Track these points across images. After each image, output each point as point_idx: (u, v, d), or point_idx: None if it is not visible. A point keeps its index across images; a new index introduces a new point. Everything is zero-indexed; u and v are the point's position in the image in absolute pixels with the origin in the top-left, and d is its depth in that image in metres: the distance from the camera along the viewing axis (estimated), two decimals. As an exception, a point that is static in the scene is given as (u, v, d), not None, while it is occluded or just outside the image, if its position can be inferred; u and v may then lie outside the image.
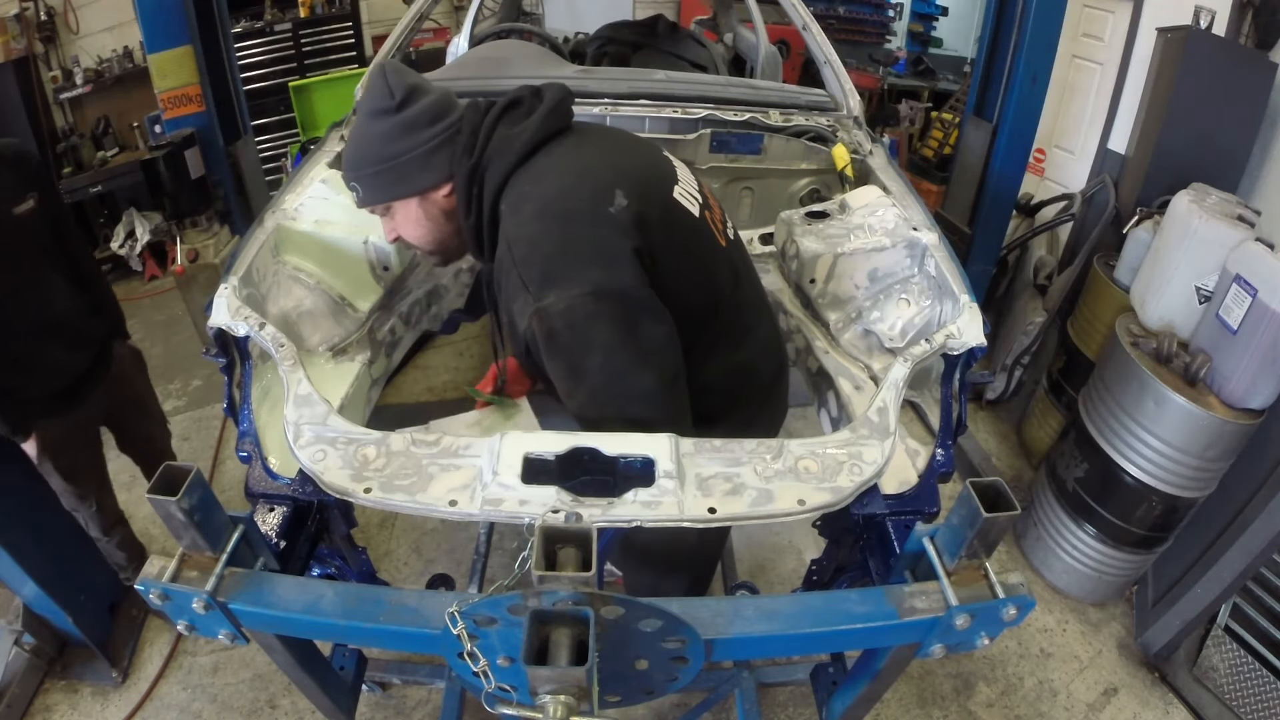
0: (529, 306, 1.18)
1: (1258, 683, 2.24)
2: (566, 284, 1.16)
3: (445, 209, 1.33)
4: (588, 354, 1.18)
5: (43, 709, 2.24)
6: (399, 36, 2.44)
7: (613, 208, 1.22)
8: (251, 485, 1.33)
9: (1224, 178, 2.56)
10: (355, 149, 1.30)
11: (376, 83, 1.27)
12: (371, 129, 1.27)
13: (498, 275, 1.29)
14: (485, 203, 1.28)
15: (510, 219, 1.24)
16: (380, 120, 1.26)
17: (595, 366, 1.19)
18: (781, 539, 2.81)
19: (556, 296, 1.16)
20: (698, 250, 1.36)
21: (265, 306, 1.59)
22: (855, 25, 6.33)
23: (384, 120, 1.26)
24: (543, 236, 1.20)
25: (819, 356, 1.72)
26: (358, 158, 1.30)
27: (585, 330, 1.17)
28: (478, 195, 1.28)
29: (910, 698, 2.33)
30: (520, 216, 1.23)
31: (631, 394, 1.21)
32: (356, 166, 1.30)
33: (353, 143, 1.31)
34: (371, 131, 1.27)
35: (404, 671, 2.17)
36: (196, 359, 2.85)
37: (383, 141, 1.26)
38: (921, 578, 1.06)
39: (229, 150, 3.42)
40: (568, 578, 0.84)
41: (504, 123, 1.30)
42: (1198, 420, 2.13)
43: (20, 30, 4.07)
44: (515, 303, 1.22)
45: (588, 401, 1.22)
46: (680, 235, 1.32)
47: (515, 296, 1.21)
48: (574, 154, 1.31)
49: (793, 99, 2.43)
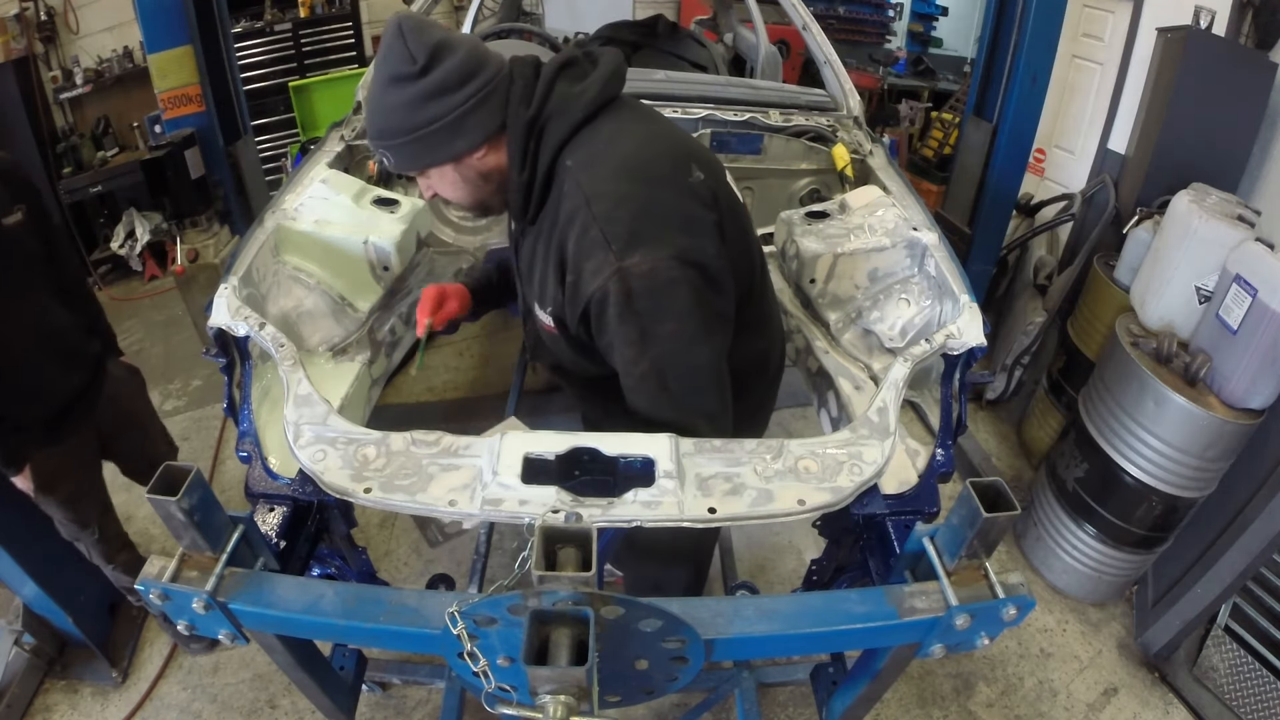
0: (609, 265, 1.12)
1: (1258, 683, 2.24)
2: (653, 245, 1.13)
3: (482, 170, 1.26)
4: (662, 320, 1.15)
5: (43, 709, 2.24)
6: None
7: (692, 179, 1.22)
8: (251, 485, 1.33)
9: (1224, 178, 2.56)
10: (380, 118, 1.21)
11: (394, 45, 1.15)
12: (395, 96, 1.17)
13: (559, 232, 1.21)
14: (543, 158, 1.21)
15: (584, 174, 1.18)
16: (404, 87, 1.16)
17: (666, 334, 1.16)
18: (781, 539, 2.81)
19: (642, 257, 1.12)
20: (746, 236, 1.38)
21: (265, 306, 1.59)
22: (855, 25, 6.33)
23: (408, 87, 1.15)
24: (629, 195, 1.15)
25: (819, 356, 1.72)
26: (383, 127, 1.21)
27: (665, 295, 1.14)
28: (534, 150, 1.21)
29: (910, 698, 2.33)
30: (598, 173, 1.18)
31: (695, 364, 1.20)
32: (383, 136, 1.22)
33: (375, 110, 1.21)
34: (396, 99, 1.17)
35: (404, 671, 2.17)
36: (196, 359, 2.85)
37: (408, 110, 1.17)
38: (921, 578, 1.06)
39: (229, 150, 3.41)
40: (568, 578, 0.84)
41: (563, 79, 1.23)
42: (1198, 420, 2.13)
43: (20, 30, 4.07)
44: (590, 260, 1.15)
45: (650, 370, 1.17)
46: (735, 218, 1.33)
47: (590, 253, 1.14)
48: (642, 123, 1.28)
49: (793, 99, 2.43)
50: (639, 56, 3.24)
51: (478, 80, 1.18)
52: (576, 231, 1.17)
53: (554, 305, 1.28)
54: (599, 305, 1.16)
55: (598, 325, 1.19)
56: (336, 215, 1.75)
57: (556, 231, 1.22)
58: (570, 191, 1.19)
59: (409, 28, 1.15)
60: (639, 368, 1.18)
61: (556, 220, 1.22)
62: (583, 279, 1.17)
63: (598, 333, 1.21)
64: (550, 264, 1.25)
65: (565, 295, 1.23)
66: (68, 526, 2.01)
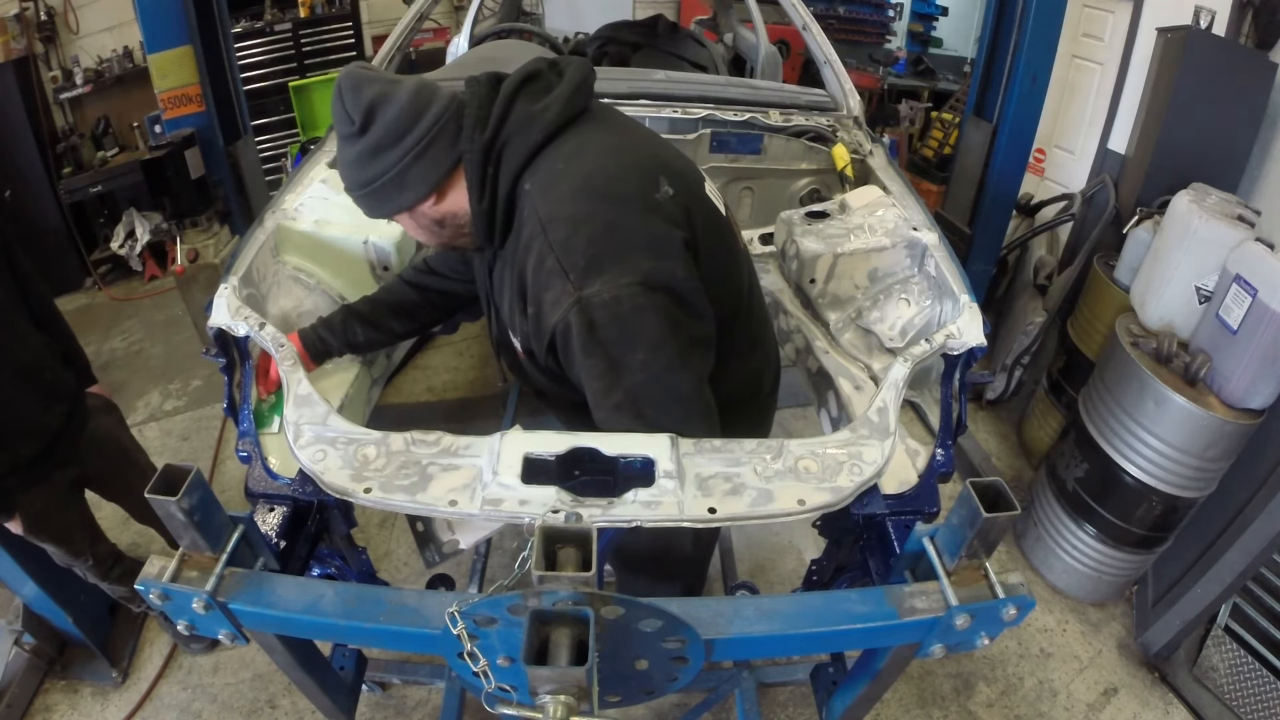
0: (568, 295, 1.07)
1: (1258, 683, 2.24)
2: (614, 271, 1.06)
3: (435, 217, 1.23)
4: (632, 349, 1.08)
5: (43, 709, 2.24)
6: (399, 36, 2.44)
7: (659, 194, 1.15)
8: (251, 485, 1.33)
9: (1224, 178, 2.56)
10: (341, 171, 1.24)
11: (335, 104, 1.15)
12: (344, 153, 1.19)
13: (518, 261, 1.17)
14: (503, 184, 1.17)
15: (542, 198, 1.12)
16: (348, 145, 1.17)
17: (638, 364, 1.09)
18: (781, 539, 2.81)
19: (602, 285, 1.06)
20: (727, 252, 1.31)
21: (265, 306, 1.59)
22: (855, 25, 6.33)
23: (352, 145, 1.17)
24: (586, 218, 1.09)
25: (819, 356, 1.72)
26: (344, 180, 1.24)
27: (631, 323, 1.07)
28: (493, 176, 1.17)
29: (910, 698, 2.33)
30: (556, 195, 1.11)
31: (672, 394, 1.14)
32: (347, 189, 1.25)
33: (339, 165, 1.24)
34: (345, 156, 1.19)
35: (404, 671, 2.17)
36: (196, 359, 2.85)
37: (356, 167, 1.18)
38: (921, 578, 1.06)
39: (229, 150, 3.41)
40: (568, 578, 0.84)
41: (523, 98, 1.18)
42: (1198, 420, 2.13)
43: (20, 30, 4.07)
44: (549, 291, 1.09)
45: (624, 401, 1.11)
46: (714, 234, 1.26)
47: (549, 284, 1.09)
48: (609, 135, 1.21)
49: (793, 99, 2.43)
50: (639, 56, 3.24)
51: (416, 132, 1.14)
52: (534, 261, 1.12)
53: (521, 334, 1.26)
54: (563, 338, 1.11)
55: (564, 357, 1.15)
56: (336, 215, 1.75)
57: (516, 260, 1.18)
58: (529, 217, 1.13)
59: (346, 87, 1.13)
60: (611, 399, 1.12)
61: (517, 247, 1.18)
62: (543, 311, 1.12)
63: (566, 365, 1.17)
64: (515, 294, 1.22)
65: (530, 326, 1.19)
66: (60, 557, 1.99)
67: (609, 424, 1.16)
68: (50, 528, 1.90)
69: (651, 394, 1.13)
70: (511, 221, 1.20)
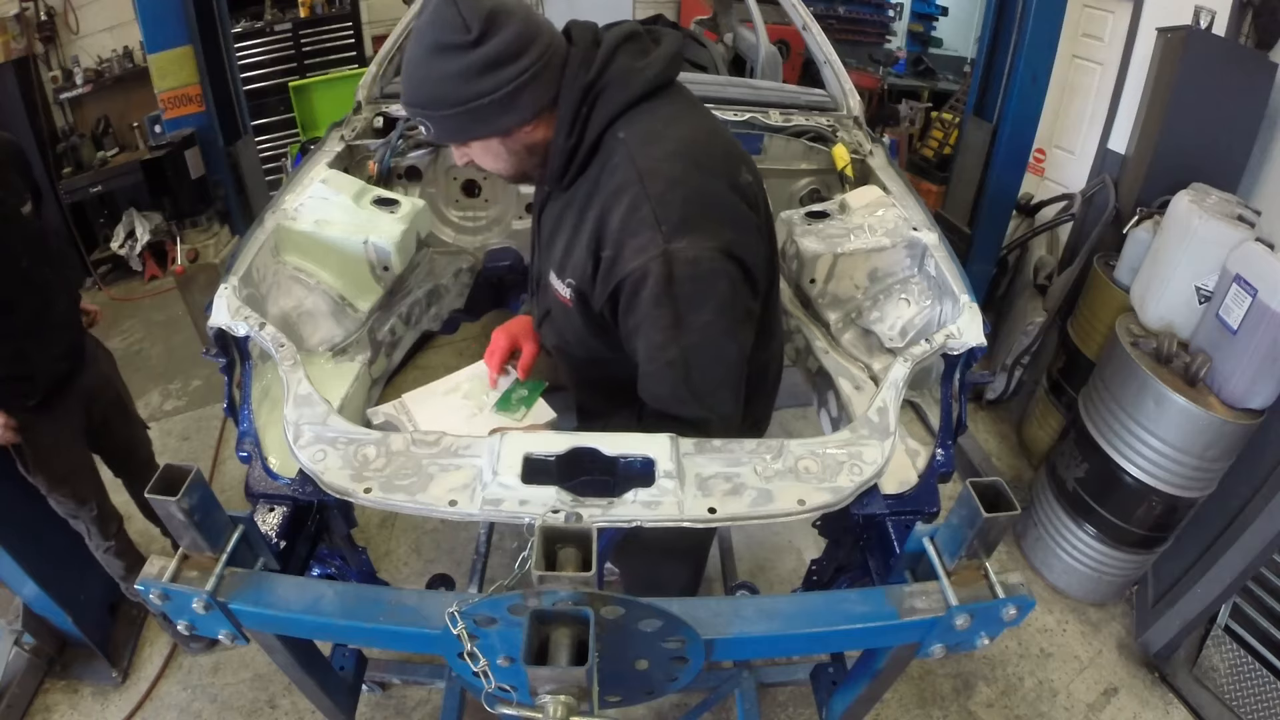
0: (655, 245, 1.10)
1: (1258, 683, 2.24)
2: (701, 234, 1.12)
3: (528, 143, 1.22)
4: (699, 309, 1.13)
5: (43, 709, 2.24)
6: (399, 36, 2.44)
7: (741, 179, 1.22)
8: (251, 485, 1.33)
9: (1224, 178, 2.56)
10: (423, 87, 1.14)
11: (444, 10, 1.08)
12: (443, 66, 1.11)
13: (601, 204, 1.18)
14: (593, 127, 1.18)
15: (640, 150, 1.16)
16: (454, 57, 1.09)
17: (700, 324, 1.14)
18: (781, 539, 2.81)
19: (688, 243, 1.10)
20: (772, 245, 1.37)
21: (265, 306, 1.59)
22: (855, 25, 6.32)
23: (459, 57, 1.09)
24: (684, 179, 1.14)
25: (819, 356, 1.72)
26: (427, 97, 1.15)
27: (705, 285, 1.13)
28: (585, 117, 1.18)
29: (910, 698, 2.33)
30: (656, 151, 1.15)
31: (721, 360, 1.19)
32: (425, 106, 1.16)
33: (417, 78, 1.15)
34: (444, 69, 1.11)
35: (404, 671, 2.17)
36: (196, 359, 2.85)
37: (458, 81, 1.11)
38: (921, 578, 1.06)
39: (229, 150, 3.41)
40: (568, 578, 0.84)
41: (623, 53, 1.20)
42: (1198, 420, 2.13)
43: (20, 30, 4.07)
44: (635, 238, 1.12)
45: (678, 358, 1.16)
46: (770, 226, 1.35)
47: (637, 231, 1.12)
48: (700, 115, 1.27)
49: (793, 99, 2.44)
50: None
51: (533, 53, 1.12)
52: (625, 207, 1.14)
53: (577, 277, 1.25)
54: (635, 284, 1.13)
55: (628, 305, 1.17)
56: (336, 215, 1.75)
57: (597, 202, 1.19)
58: (621, 164, 1.16)
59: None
60: (667, 354, 1.16)
61: (596, 191, 1.19)
62: (623, 255, 1.14)
63: (625, 312, 1.18)
64: (584, 234, 1.22)
65: (597, 269, 1.19)
66: (65, 504, 2.02)
67: (655, 380, 1.19)
68: (55, 464, 1.93)
69: (704, 357, 1.18)
70: (587, 165, 1.22)
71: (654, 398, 1.22)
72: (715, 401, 1.21)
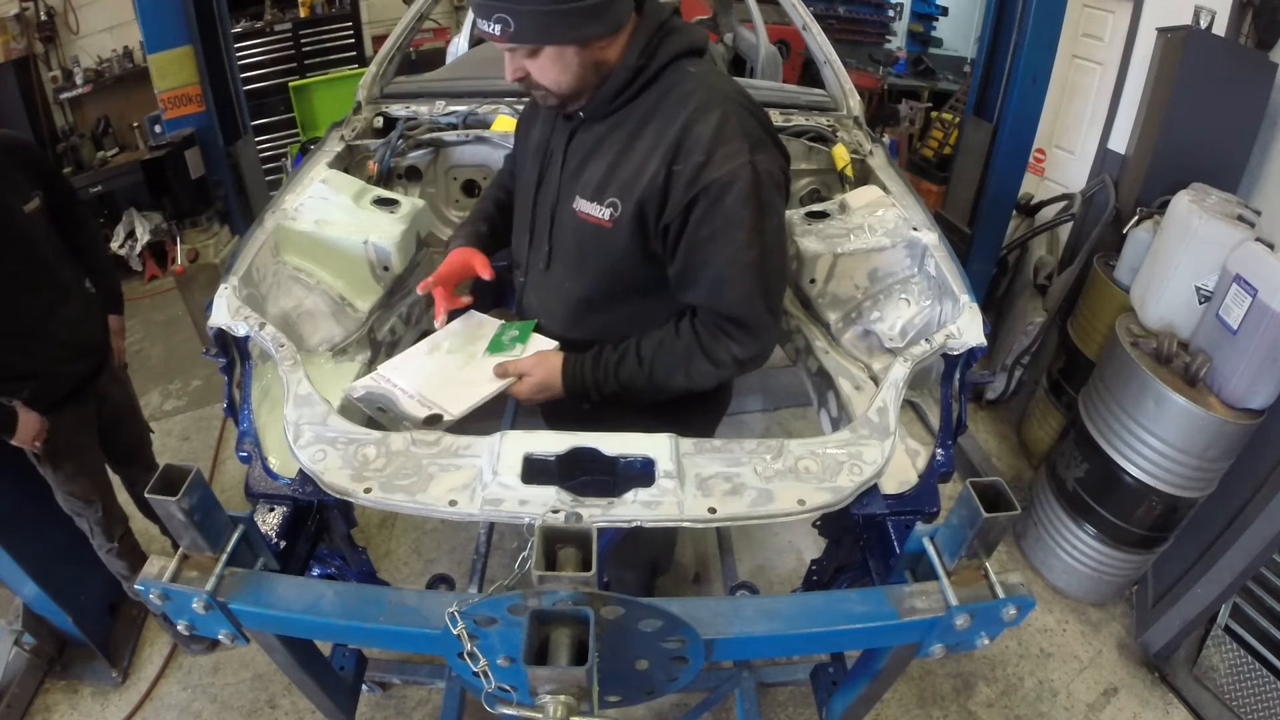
0: (743, 154, 1.21)
1: (1258, 683, 2.24)
2: (771, 154, 1.27)
3: (598, 59, 1.24)
4: (771, 215, 1.27)
5: (43, 709, 2.24)
6: (399, 36, 2.44)
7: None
8: (251, 485, 1.33)
9: (1224, 178, 2.55)
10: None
11: None
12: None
13: (682, 120, 1.24)
14: (661, 56, 1.26)
15: (714, 81, 1.28)
16: None
17: (772, 228, 1.28)
18: (781, 539, 2.81)
19: (765, 158, 1.24)
20: None
21: (265, 306, 1.59)
22: (855, 25, 6.33)
23: None
24: (754, 109, 1.30)
25: (819, 356, 1.72)
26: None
27: (774, 195, 1.27)
28: (655, 46, 1.26)
29: (910, 698, 2.33)
30: (727, 89, 1.29)
31: (782, 262, 1.37)
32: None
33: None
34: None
35: (404, 671, 2.17)
36: (196, 359, 2.86)
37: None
38: (921, 578, 1.06)
39: (229, 150, 3.41)
40: (568, 578, 0.84)
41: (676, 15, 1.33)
42: (1198, 420, 2.13)
43: (20, 30, 4.07)
44: (725, 146, 1.21)
45: (756, 259, 1.25)
46: None
47: (728, 140, 1.21)
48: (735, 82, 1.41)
49: (793, 99, 2.43)
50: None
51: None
52: (715, 120, 1.22)
53: (633, 193, 1.27)
54: (721, 189, 1.21)
55: (708, 210, 1.23)
56: (336, 215, 1.75)
57: (675, 120, 1.24)
58: (698, 90, 1.25)
59: None
60: (748, 255, 1.25)
61: (656, 112, 1.26)
62: (712, 162, 1.21)
63: (702, 220, 1.24)
64: (649, 150, 1.26)
65: (670, 180, 1.24)
66: (71, 501, 2.03)
67: (731, 284, 1.27)
68: (68, 463, 1.96)
69: (774, 260, 1.31)
70: (641, 92, 1.28)
71: (731, 300, 1.29)
72: (775, 302, 1.35)
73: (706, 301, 1.31)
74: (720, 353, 1.32)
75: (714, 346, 1.31)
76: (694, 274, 1.29)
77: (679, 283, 1.33)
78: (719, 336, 1.31)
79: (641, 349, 1.35)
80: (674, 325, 1.36)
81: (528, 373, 1.37)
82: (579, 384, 1.37)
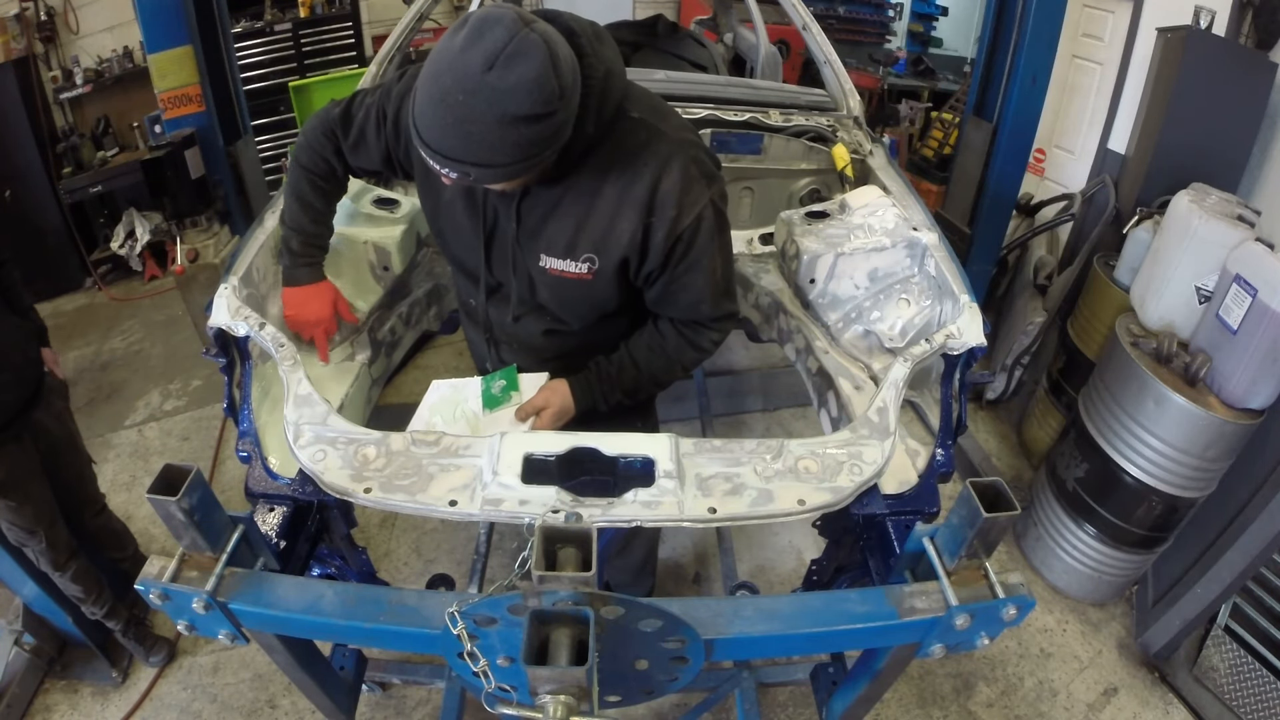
0: (705, 195, 1.29)
1: (1258, 683, 2.24)
2: (719, 180, 1.36)
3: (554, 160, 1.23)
4: (726, 232, 1.39)
5: (43, 709, 2.24)
6: (399, 36, 2.44)
7: None
8: (251, 485, 1.33)
9: (1224, 178, 2.56)
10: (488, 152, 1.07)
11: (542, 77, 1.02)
12: (520, 133, 1.06)
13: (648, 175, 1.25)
14: (606, 111, 1.20)
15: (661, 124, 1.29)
16: (539, 123, 1.06)
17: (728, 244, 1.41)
18: (781, 539, 2.81)
19: (716, 188, 1.33)
20: None
21: (265, 306, 1.59)
22: (855, 25, 6.32)
23: (546, 122, 1.07)
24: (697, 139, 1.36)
25: (819, 356, 1.72)
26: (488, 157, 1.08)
27: (725, 213, 1.37)
28: (598, 106, 1.18)
29: (910, 698, 2.33)
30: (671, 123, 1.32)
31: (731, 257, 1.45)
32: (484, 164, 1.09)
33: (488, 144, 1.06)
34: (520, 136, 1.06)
35: (404, 671, 2.17)
36: (196, 359, 2.85)
37: (538, 144, 1.09)
38: (921, 578, 1.06)
39: (229, 150, 3.42)
40: (568, 578, 0.84)
41: (592, 39, 1.19)
42: (1198, 420, 2.13)
43: (20, 30, 4.07)
44: (690, 193, 1.28)
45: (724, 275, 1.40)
46: None
47: (690, 187, 1.28)
48: None
49: (793, 99, 2.44)
50: (639, 56, 3.23)
51: (576, 86, 1.11)
52: (678, 172, 1.27)
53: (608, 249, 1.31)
54: (693, 230, 1.30)
55: (686, 248, 1.32)
56: (336, 215, 1.75)
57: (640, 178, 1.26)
58: (651, 139, 1.27)
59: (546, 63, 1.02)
60: (717, 274, 1.37)
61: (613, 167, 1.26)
62: (684, 211, 1.28)
63: (681, 257, 1.33)
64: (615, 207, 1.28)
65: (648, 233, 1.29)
66: (14, 532, 1.97)
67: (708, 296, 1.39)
68: (12, 495, 1.89)
69: (729, 263, 1.44)
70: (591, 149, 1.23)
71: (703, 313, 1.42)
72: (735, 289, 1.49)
73: (684, 315, 1.45)
74: (704, 342, 1.47)
75: (698, 339, 1.46)
76: (672, 298, 1.41)
77: (657, 304, 1.45)
78: (699, 330, 1.45)
79: (635, 357, 1.48)
80: (655, 328, 1.49)
81: (543, 407, 1.43)
82: (590, 402, 1.47)
